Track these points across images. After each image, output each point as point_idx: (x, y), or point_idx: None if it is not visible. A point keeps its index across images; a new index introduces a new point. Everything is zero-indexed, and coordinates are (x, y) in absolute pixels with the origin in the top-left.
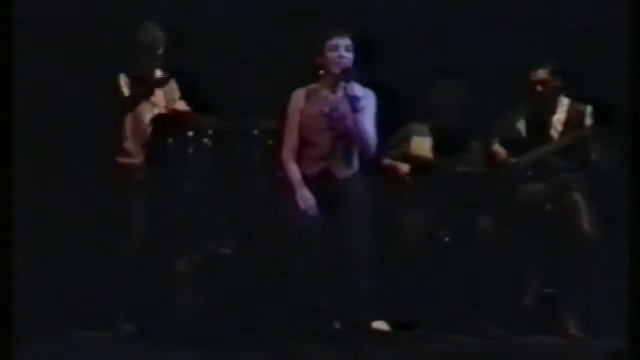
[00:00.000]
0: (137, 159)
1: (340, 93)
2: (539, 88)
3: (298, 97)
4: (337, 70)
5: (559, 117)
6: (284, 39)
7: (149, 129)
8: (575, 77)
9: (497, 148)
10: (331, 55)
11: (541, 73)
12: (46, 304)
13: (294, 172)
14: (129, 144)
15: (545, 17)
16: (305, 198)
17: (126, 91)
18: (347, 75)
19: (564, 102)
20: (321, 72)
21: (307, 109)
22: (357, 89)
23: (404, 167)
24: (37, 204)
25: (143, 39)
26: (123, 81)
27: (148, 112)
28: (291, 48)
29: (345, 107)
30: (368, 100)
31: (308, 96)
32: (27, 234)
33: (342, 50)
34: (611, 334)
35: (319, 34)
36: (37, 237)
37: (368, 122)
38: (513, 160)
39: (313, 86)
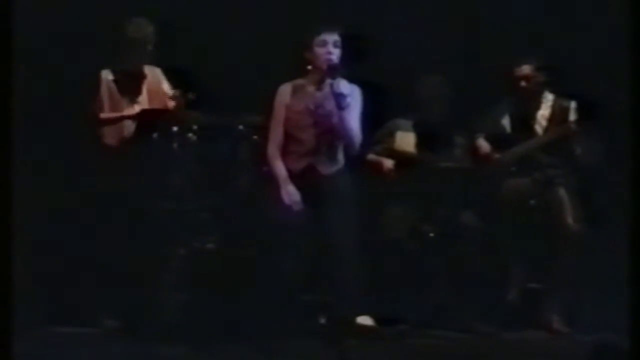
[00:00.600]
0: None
1: (326, 89)
2: (523, 84)
3: (284, 92)
4: (324, 66)
5: (544, 112)
6: (271, 34)
7: (133, 125)
8: (560, 73)
9: (482, 143)
10: (319, 50)
11: (526, 69)
12: (30, 301)
13: (279, 167)
14: (114, 140)
15: (529, 14)
16: (290, 193)
17: (105, 108)
18: (333, 71)
19: (549, 98)
20: (309, 67)
21: (293, 105)
22: (344, 86)
23: (389, 163)
24: (21, 200)
25: (133, 34)
26: (105, 84)
27: (132, 108)
28: (278, 44)
29: (330, 104)
30: (354, 96)
31: (294, 91)
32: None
33: (330, 46)
34: (595, 329)
35: (308, 29)
36: (21, 232)
37: (353, 119)
38: (497, 155)
39: (299, 81)
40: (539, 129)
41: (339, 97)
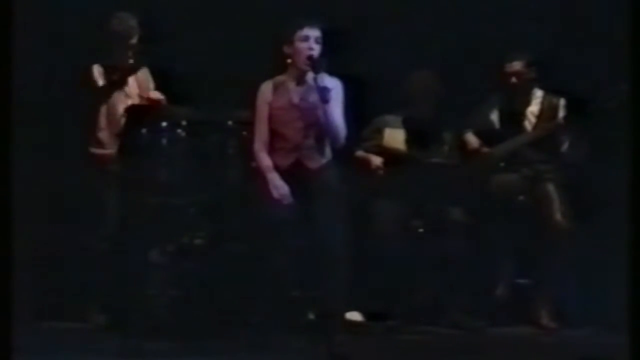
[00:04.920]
0: (111, 149)
1: (307, 83)
2: (513, 80)
3: (266, 90)
4: (305, 61)
5: (533, 109)
6: (258, 29)
7: (123, 120)
8: (550, 69)
9: (471, 138)
10: (301, 46)
11: (516, 65)
12: (19, 295)
13: (265, 160)
14: (103, 135)
15: (519, 8)
16: (278, 187)
17: (100, 81)
18: (315, 66)
19: (538, 94)
20: (288, 61)
21: (276, 101)
22: (327, 80)
23: (377, 160)
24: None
25: (117, 28)
26: (97, 71)
27: (122, 103)
28: (265, 39)
29: (313, 97)
30: (336, 90)
31: (275, 88)
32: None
33: (311, 41)
34: (583, 325)
35: (289, 23)
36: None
37: (336, 113)
38: (486, 150)
39: (280, 78)
40: (528, 125)
41: (323, 91)
